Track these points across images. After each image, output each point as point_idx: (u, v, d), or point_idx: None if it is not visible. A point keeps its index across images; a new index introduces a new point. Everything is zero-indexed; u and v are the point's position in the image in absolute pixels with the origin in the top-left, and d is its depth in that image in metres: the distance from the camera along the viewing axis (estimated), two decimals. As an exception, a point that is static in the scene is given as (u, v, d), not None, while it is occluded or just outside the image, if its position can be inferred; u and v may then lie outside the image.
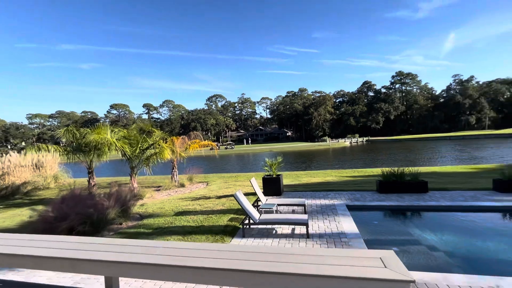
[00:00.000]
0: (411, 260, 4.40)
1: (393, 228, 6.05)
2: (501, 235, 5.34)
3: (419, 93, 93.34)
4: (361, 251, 1.97)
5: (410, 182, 8.12)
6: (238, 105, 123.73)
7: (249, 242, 5.06)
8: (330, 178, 12.23)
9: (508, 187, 7.47)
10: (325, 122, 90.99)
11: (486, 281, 3.35)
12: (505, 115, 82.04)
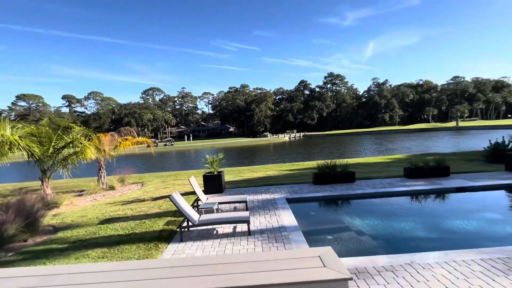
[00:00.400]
0: (343, 247, 4.74)
1: (328, 217, 6.50)
2: (412, 215, 6.26)
3: (346, 93, 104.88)
4: (301, 251, 1.89)
5: (341, 173, 8.90)
6: (179, 100, 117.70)
7: (188, 246, 4.70)
8: (271, 173, 12.57)
9: (415, 174, 8.88)
10: (266, 118, 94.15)
11: (403, 258, 3.80)
12: (410, 113, 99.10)
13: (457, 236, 5.07)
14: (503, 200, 7.17)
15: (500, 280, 3.21)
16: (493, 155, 11.73)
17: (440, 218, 6.05)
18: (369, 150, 37.56)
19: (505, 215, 6.15)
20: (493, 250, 3.92)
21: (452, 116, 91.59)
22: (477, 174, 9.09)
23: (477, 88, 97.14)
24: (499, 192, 7.49)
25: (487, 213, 6.24)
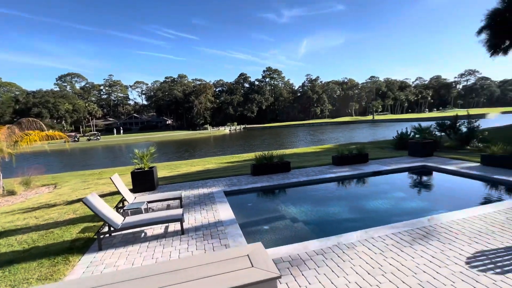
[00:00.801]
0: (279, 235, 4.82)
1: (265, 207, 6.58)
2: (339, 199, 6.85)
3: (283, 87, 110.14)
4: (229, 252, 1.70)
5: (277, 163, 9.16)
6: (105, 89, 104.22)
7: (108, 255, 4.05)
8: (210, 166, 12.19)
9: (341, 161, 9.80)
10: (206, 111, 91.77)
11: (331, 240, 4.05)
12: (337, 107, 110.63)
13: (375, 214, 5.75)
14: (407, 180, 8.51)
15: (406, 250, 3.70)
16: (399, 143, 13.90)
17: (362, 199, 6.79)
18: (304, 141, 40.49)
19: (409, 193, 7.31)
20: (401, 224, 4.53)
21: (369, 110, 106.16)
22: (388, 159, 10.60)
23: (388, 87, 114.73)
24: (404, 174, 8.87)
25: (397, 192, 7.30)
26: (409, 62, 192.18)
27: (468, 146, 12.82)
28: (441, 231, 4.20)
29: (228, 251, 1.55)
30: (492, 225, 4.35)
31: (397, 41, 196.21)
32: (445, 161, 9.59)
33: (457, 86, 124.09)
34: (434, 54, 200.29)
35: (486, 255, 3.49)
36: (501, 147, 8.40)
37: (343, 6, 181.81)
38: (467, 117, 13.94)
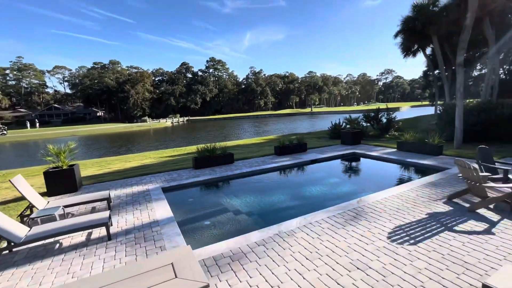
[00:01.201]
0: (221, 230, 4.64)
1: (207, 201, 6.31)
2: (281, 188, 7.03)
3: (228, 79, 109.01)
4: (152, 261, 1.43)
5: (220, 155, 8.92)
6: (13, 73, 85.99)
7: (5, 277, 3.24)
8: (148, 161, 11.19)
9: (283, 151, 10.12)
10: (144, 101, 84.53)
11: (272, 230, 4.06)
12: (279, 100, 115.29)
13: (313, 200, 6.07)
14: (340, 166, 9.31)
15: (340, 232, 3.95)
16: (333, 133, 15.15)
17: (301, 187, 7.12)
18: (249, 132, 41.02)
19: (342, 178, 7.99)
20: (335, 208, 4.85)
21: (308, 103, 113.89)
22: (324, 148, 11.44)
23: (323, 82, 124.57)
24: (337, 161, 9.68)
25: (332, 178, 7.89)
26: (341, 60, 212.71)
27: (387, 135, 14.78)
28: (368, 211, 4.65)
29: (150, 260, 1.28)
30: (406, 202, 5.02)
31: (331, 40, 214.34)
32: (370, 148, 10.82)
33: (378, 83, 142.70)
34: (361, 53, 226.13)
35: (403, 229, 3.98)
36: (411, 135, 9.86)
37: (284, 2, 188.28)
38: (386, 110, 16.03)
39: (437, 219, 4.24)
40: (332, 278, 2.89)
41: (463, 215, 4.35)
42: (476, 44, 21.36)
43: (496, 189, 4.54)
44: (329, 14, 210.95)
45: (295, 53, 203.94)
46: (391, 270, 2.99)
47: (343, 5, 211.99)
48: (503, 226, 3.95)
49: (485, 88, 18.93)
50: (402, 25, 20.08)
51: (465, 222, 4.12)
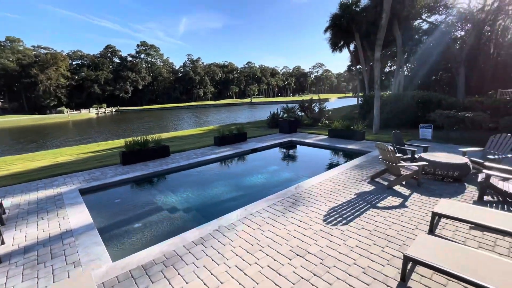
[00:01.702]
0: (154, 232, 4.15)
1: (138, 201, 5.61)
2: (221, 180, 6.77)
3: (162, 66, 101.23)
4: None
5: (154, 148, 8.09)
6: None
7: None
8: (64, 158, 9.43)
9: (222, 141, 9.83)
10: (59, 89, 71.78)
11: (211, 225, 3.80)
12: (219, 90, 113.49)
13: (254, 189, 6.02)
14: (279, 154, 9.58)
15: (280, 220, 3.95)
16: (272, 122, 15.56)
17: (242, 177, 7.01)
18: (188, 123, 39.15)
19: (281, 165, 8.21)
20: (275, 196, 4.87)
21: (248, 93, 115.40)
22: (264, 137, 11.61)
23: (262, 73, 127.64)
24: (276, 149, 9.93)
25: (272, 166, 8.02)
26: (278, 52, 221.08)
27: (319, 123, 15.97)
28: (305, 196, 4.81)
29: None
30: (338, 184, 5.40)
31: (268, 32, 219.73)
32: (306, 135, 11.47)
33: (311, 75, 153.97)
34: (296, 47, 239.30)
35: (336, 210, 4.23)
36: (340, 122, 10.81)
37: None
38: (318, 100, 17.29)
39: (364, 198, 4.67)
40: (274, 269, 2.82)
41: (384, 192, 4.90)
42: (387, 44, 24.77)
43: (407, 168, 5.26)
44: (265, 7, 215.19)
45: (233, 43, 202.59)
46: (327, 252, 3.10)
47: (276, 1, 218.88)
48: (413, 199, 4.58)
49: (394, 82, 22.23)
50: (331, 22, 21.72)
51: (385, 198, 4.64)
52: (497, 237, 3.32)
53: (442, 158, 5.49)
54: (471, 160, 5.58)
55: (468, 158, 5.60)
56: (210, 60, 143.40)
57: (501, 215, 3.27)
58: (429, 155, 5.71)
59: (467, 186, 5.11)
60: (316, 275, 2.71)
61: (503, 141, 5.67)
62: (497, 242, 3.23)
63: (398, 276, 2.65)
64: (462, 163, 5.18)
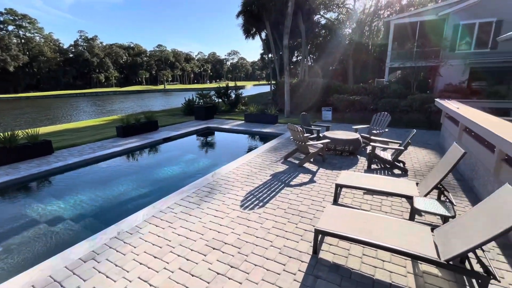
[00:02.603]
0: (21, 256, 3.10)
1: (4, 216, 4.17)
2: (125, 176, 5.80)
3: (44, 43, 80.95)
4: None
5: (27, 145, 6.23)
6: None
7: None
8: None
9: (127, 132, 8.52)
10: None
11: (107, 233, 3.10)
12: (125, 75, 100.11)
13: (166, 183, 5.40)
14: (195, 142, 9.04)
15: (194, 213, 3.58)
16: (187, 109, 14.64)
17: (153, 170, 6.21)
18: (88, 113, 32.90)
19: (197, 154, 7.73)
20: (190, 186, 4.44)
21: (161, 79, 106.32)
22: (178, 125, 10.75)
23: (175, 57, 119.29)
24: (192, 137, 9.34)
25: (187, 155, 7.45)
26: (192, 37, 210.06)
27: (236, 109, 16.04)
28: (222, 183, 4.58)
29: None
30: (254, 167, 5.40)
31: (180, 14, 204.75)
32: (223, 121, 11.24)
33: (227, 62, 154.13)
34: (211, 33, 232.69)
35: (253, 193, 4.17)
36: (255, 107, 11.03)
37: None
38: (234, 87, 17.30)
39: (279, 178, 4.79)
40: (186, 271, 2.47)
41: (296, 171, 5.18)
42: (294, 35, 26.83)
43: (314, 146, 5.71)
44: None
45: (140, 23, 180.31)
46: (245, 239, 2.95)
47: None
48: (320, 174, 5.00)
49: (300, 70, 24.42)
50: (242, 7, 21.71)
51: (297, 176, 4.89)
52: (382, 198, 3.92)
53: (340, 135, 6.22)
54: (361, 135, 6.54)
55: (359, 134, 6.55)
56: (112, 40, 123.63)
57: (382, 179, 3.87)
58: (330, 133, 6.38)
59: (359, 158, 5.97)
60: (233, 266, 2.52)
61: (382, 118, 6.87)
62: (382, 202, 3.82)
63: (311, 249, 2.75)
64: (355, 139, 6.00)
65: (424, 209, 2.86)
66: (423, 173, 4.99)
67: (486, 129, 3.39)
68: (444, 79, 15.20)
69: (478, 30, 15.28)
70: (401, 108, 10.70)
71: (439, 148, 6.67)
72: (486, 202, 2.26)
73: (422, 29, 17.02)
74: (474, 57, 15.22)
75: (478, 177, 4.08)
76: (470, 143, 4.49)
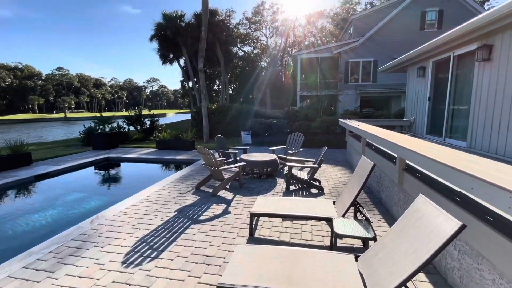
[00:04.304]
0: None
1: None
2: None
3: None
4: None
5: None
6: None
7: None
8: None
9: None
10: None
11: None
12: (10, 101, 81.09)
13: (14, 242, 3.68)
14: (85, 177, 7.15)
15: (39, 287, 2.28)
16: (87, 138, 12.15)
17: (4, 224, 4.28)
18: None
19: (83, 192, 5.96)
20: (48, 242, 3.03)
21: (60, 106, 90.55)
22: (66, 157, 8.51)
23: (81, 82, 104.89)
24: (83, 171, 7.41)
25: (66, 195, 5.63)
26: (104, 62, 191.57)
27: (151, 137, 14.36)
28: (104, 231, 3.34)
29: None
30: (156, 203, 4.32)
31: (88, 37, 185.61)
32: (129, 150, 9.57)
33: (146, 90, 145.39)
34: (126, 58, 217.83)
35: (146, 240, 3.11)
36: (168, 132, 9.89)
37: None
38: (149, 115, 15.67)
39: (185, 213, 3.87)
40: None
41: (208, 201, 4.36)
42: (213, 64, 27.28)
43: (229, 170, 5.08)
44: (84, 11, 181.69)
45: (35, 42, 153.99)
46: (114, 321, 1.90)
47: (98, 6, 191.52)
48: (236, 202, 4.33)
49: (221, 97, 24.56)
50: (155, 30, 20.76)
51: (209, 208, 4.08)
52: (302, 223, 3.50)
53: (257, 157, 5.83)
54: (278, 156, 6.34)
55: (276, 155, 6.33)
56: None
57: (300, 201, 3.48)
58: (247, 156, 5.92)
59: (278, 180, 5.65)
60: None
61: (296, 138, 6.92)
62: (302, 228, 3.38)
63: (214, 316, 1.93)
64: (272, 160, 5.70)
65: (345, 233, 2.49)
66: (338, 189, 4.96)
67: (387, 140, 3.47)
68: (343, 105, 17.66)
69: (362, 67, 18.70)
70: (312, 130, 11.51)
71: (348, 164, 7.09)
72: (403, 219, 1.99)
73: (323, 63, 19.77)
74: (362, 89, 18.41)
75: (384, 189, 4.19)
76: (372, 156, 4.71)
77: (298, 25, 36.33)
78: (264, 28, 36.15)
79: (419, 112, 6.90)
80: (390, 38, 17.82)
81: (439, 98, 6.02)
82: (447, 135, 5.56)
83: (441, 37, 4.94)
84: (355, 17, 20.26)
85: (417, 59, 6.68)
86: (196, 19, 20.45)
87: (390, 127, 7.43)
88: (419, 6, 17.38)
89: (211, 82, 38.11)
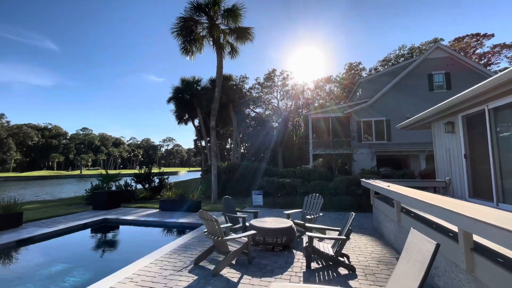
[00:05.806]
0: None
1: None
2: None
3: None
4: None
5: None
6: None
7: None
8: None
9: None
10: None
11: None
12: (32, 159, 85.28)
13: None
14: (74, 243, 6.29)
15: None
16: (91, 196, 11.63)
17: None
18: None
19: (67, 263, 5.06)
20: None
21: (77, 164, 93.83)
22: (61, 217, 7.82)
23: (102, 141, 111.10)
24: (74, 234, 6.60)
25: (49, 266, 4.74)
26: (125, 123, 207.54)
27: (159, 196, 13.70)
28: (59, 332, 2.42)
29: None
30: (142, 285, 3.38)
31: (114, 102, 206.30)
32: (130, 211, 8.82)
33: (161, 148, 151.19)
34: (146, 120, 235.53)
35: None
36: (174, 191, 9.24)
37: (55, 45, 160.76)
38: (158, 173, 15.37)
39: (175, 304, 2.91)
40: None
41: (206, 284, 3.39)
42: (226, 124, 28.27)
43: (236, 241, 4.19)
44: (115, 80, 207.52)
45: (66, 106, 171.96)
46: None
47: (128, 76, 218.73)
48: (242, 285, 3.34)
49: (233, 155, 24.50)
50: (173, 93, 22.25)
51: (207, 295, 3.11)
52: (335, 328, 2.46)
53: (270, 223, 4.95)
54: (294, 222, 5.42)
55: (292, 220, 5.42)
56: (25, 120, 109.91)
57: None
58: (258, 221, 5.05)
59: (295, 253, 4.63)
60: None
61: (314, 200, 6.06)
62: (337, 337, 2.34)
63: None
64: (287, 227, 4.78)
65: None
66: (373, 270, 3.88)
67: (441, 207, 2.65)
68: (358, 164, 16.85)
69: (375, 126, 18.55)
70: (330, 190, 10.57)
71: (377, 233, 5.98)
72: None
73: (334, 122, 19.86)
74: (376, 147, 17.85)
75: (440, 274, 3.15)
76: (414, 226, 3.78)
77: (307, 88, 38.64)
78: (275, 92, 38.50)
79: (454, 171, 6.07)
80: (400, 98, 18.09)
81: (478, 156, 5.28)
82: (500, 199, 4.61)
83: (471, 89, 4.52)
84: (363, 80, 21.20)
85: (441, 115, 6.20)
86: (212, 84, 22.01)
87: (421, 188, 6.51)
88: (424, 70, 18.08)
89: (223, 141, 39.03)
